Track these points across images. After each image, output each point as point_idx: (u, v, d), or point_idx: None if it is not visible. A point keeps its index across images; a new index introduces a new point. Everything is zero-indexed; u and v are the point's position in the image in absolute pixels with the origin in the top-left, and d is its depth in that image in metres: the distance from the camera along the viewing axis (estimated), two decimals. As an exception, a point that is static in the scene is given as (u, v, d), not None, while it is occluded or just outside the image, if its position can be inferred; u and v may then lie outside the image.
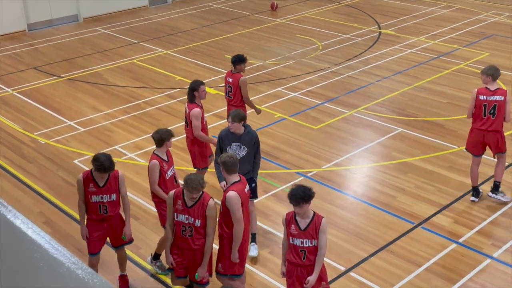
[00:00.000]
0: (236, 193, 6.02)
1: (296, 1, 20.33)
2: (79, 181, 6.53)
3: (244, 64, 9.24)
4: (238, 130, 7.19)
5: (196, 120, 8.16)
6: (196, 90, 8.17)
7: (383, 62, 14.33)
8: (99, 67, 14.76)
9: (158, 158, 6.88)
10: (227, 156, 6.16)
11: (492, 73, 8.20)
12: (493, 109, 8.14)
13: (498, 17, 17.73)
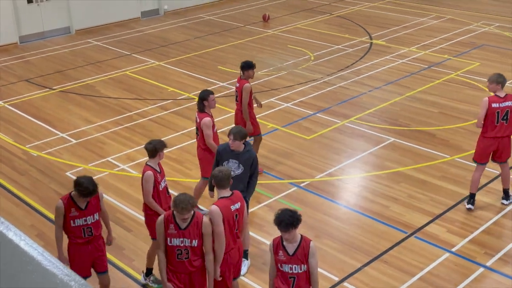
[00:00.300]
0: (218, 208, 5.92)
1: (288, 13, 20.44)
2: (60, 208, 6.21)
3: (251, 70, 9.33)
4: (238, 148, 7.06)
5: (207, 129, 8.21)
6: (206, 99, 8.23)
7: (375, 73, 14.40)
8: (91, 79, 14.75)
9: (152, 169, 6.84)
10: (218, 170, 6.07)
11: (501, 81, 8.31)
12: (506, 115, 8.24)
13: (488, 27, 17.88)
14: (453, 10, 19.82)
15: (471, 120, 11.61)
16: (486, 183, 9.40)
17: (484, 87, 13.24)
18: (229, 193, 6.09)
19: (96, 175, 10.11)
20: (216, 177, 6.02)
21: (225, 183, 6.04)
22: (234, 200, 6.09)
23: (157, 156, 6.89)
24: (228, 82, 14.09)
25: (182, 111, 12.62)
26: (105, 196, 9.41)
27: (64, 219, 6.23)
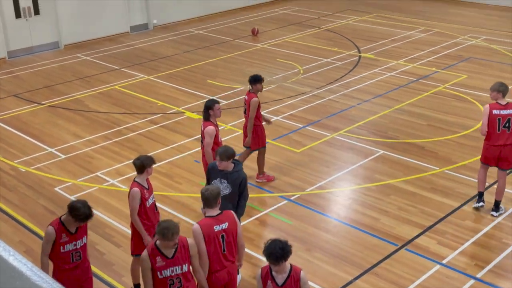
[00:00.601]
0: (199, 227, 5.84)
1: (277, 26, 20.55)
2: (51, 235, 5.97)
3: (259, 84, 9.45)
4: (227, 168, 6.93)
5: (209, 137, 8.27)
6: (211, 108, 8.33)
7: (364, 86, 14.48)
8: (80, 93, 14.71)
9: (139, 186, 6.79)
10: (205, 189, 5.95)
11: (503, 90, 8.41)
12: (508, 122, 8.31)
13: (475, 40, 18.06)
14: (441, 24, 20.01)
15: (460, 132, 11.69)
16: (475, 195, 9.44)
17: (471, 99, 13.35)
18: (216, 212, 5.93)
19: (85, 190, 10.05)
20: (202, 195, 5.92)
21: (212, 202, 5.88)
22: (221, 219, 5.90)
23: (145, 172, 6.83)
24: (217, 96, 14.08)
25: (171, 125, 12.60)
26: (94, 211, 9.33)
27: (53, 245, 6.01)
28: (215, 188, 5.98)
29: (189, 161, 10.93)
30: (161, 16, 21.16)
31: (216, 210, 5.95)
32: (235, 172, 6.92)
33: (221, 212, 5.97)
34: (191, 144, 11.63)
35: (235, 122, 12.54)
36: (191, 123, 12.65)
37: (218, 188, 6.05)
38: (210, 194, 5.87)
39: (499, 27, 19.40)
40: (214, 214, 5.93)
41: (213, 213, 5.93)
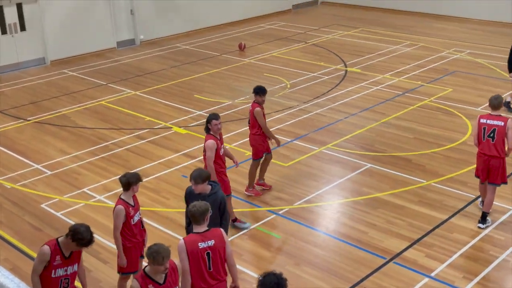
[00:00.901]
0: (183, 242, 5.76)
1: (264, 41, 20.64)
2: (46, 255, 5.81)
3: (258, 96, 9.60)
4: (203, 191, 6.77)
5: (209, 151, 8.34)
6: (209, 122, 8.42)
7: (350, 99, 14.55)
8: (66, 109, 14.64)
9: (124, 203, 6.73)
10: (192, 205, 5.87)
11: (490, 101, 8.68)
12: (492, 132, 8.52)
13: (460, 54, 18.26)
14: (425, 38, 20.20)
15: (446, 145, 11.77)
16: (462, 207, 9.49)
17: (457, 113, 13.46)
18: (202, 229, 5.84)
19: (71, 206, 9.97)
20: (190, 212, 5.84)
21: (199, 218, 5.80)
22: (207, 237, 5.81)
23: (131, 189, 6.78)
24: (205, 111, 14.09)
25: (158, 140, 12.56)
26: (81, 228, 9.26)
27: (45, 267, 5.84)
28: (203, 205, 5.88)
29: (176, 176, 10.89)
30: (148, 31, 21.17)
31: (203, 227, 5.86)
32: (213, 194, 6.77)
33: (208, 229, 5.87)
34: (179, 159, 11.60)
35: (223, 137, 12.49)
36: (178, 138, 12.62)
37: (207, 205, 5.93)
38: (197, 211, 5.79)
39: (483, 41, 19.63)
40: (200, 230, 5.84)
41: (200, 230, 5.84)
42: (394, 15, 24.16)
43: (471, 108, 13.67)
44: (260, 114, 9.59)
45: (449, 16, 23.30)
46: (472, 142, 11.69)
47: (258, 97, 9.62)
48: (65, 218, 9.60)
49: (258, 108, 9.58)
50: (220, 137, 8.64)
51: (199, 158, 11.58)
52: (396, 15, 24.11)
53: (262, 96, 9.62)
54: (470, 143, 11.71)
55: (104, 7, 19.87)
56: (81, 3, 19.28)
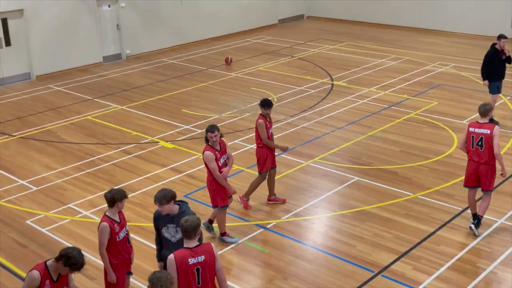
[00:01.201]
0: (173, 257, 5.70)
1: (250, 56, 20.71)
2: (36, 280, 5.67)
3: (263, 108, 9.64)
4: (170, 211, 6.53)
5: (210, 162, 8.44)
6: (207, 133, 8.52)
7: (337, 113, 14.61)
8: (52, 124, 14.55)
9: (108, 220, 6.66)
10: (184, 220, 5.78)
11: (482, 110, 8.84)
12: (480, 141, 8.70)
13: (444, 67, 18.43)
14: (411, 52, 20.38)
15: (432, 158, 11.83)
16: (449, 219, 9.53)
17: (443, 125, 13.55)
18: (193, 244, 5.77)
19: (57, 222, 9.88)
20: (182, 226, 5.76)
21: (191, 233, 5.72)
22: (198, 252, 5.74)
23: (115, 206, 6.70)
24: (191, 125, 14.07)
25: (145, 155, 12.51)
26: (67, 244, 9.16)
27: None
28: (195, 219, 5.81)
29: (163, 191, 10.82)
30: (134, 46, 21.17)
31: (194, 242, 5.79)
32: (181, 213, 6.55)
33: (199, 244, 5.81)
34: (166, 174, 11.55)
35: (210, 151, 12.49)
36: (165, 153, 12.58)
37: (198, 219, 5.86)
38: (189, 225, 5.72)
39: (468, 55, 19.84)
40: (191, 246, 5.77)
41: (191, 245, 5.77)
42: (379, 29, 24.38)
43: (457, 121, 13.78)
44: (262, 125, 9.64)
45: (434, 30, 23.56)
46: (458, 154, 11.81)
47: (263, 109, 9.68)
48: (51, 234, 9.50)
49: (261, 120, 9.65)
50: (221, 148, 8.64)
51: (186, 173, 11.55)
52: (381, 29, 24.33)
53: (266, 109, 9.66)
54: (456, 156, 11.80)
55: (90, 21, 19.86)
56: (67, 18, 19.26)
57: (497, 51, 13.13)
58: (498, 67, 13.17)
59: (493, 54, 13.17)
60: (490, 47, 13.32)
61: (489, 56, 13.23)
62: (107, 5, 20.36)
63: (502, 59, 13.16)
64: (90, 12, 19.79)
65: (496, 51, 13.14)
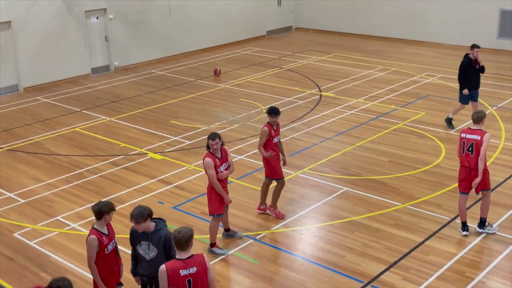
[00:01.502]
0: (165, 268, 5.72)
1: (239, 67, 20.76)
2: None
3: (271, 116, 9.70)
4: (147, 229, 6.51)
5: (208, 169, 8.56)
6: (208, 141, 8.64)
7: (325, 124, 14.66)
8: (39, 136, 14.47)
9: (96, 233, 6.60)
10: (177, 231, 5.78)
11: (475, 117, 9.04)
12: (471, 147, 8.89)
13: (431, 78, 18.59)
14: (398, 63, 20.55)
15: (420, 168, 11.89)
16: (438, 229, 9.57)
17: (430, 136, 13.64)
18: (186, 255, 5.77)
19: (45, 235, 9.80)
20: (175, 238, 5.76)
21: (184, 245, 5.73)
22: (190, 264, 5.74)
23: (103, 218, 6.63)
24: (180, 136, 14.06)
25: (134, 166, 12.47)
26: (55, 257, 9.10)
27: None
28: (188, 231, 5.81)
29: (152, 202, 10.79)
30: (123, 57, 21.16)
31: (187, 253, 5.79)
32: (157, 231, 6.52)
33: (191, 255, 5.81)
34: (154, 185, 11.51)
35: (199, 162, 12.49)
36: (154, 164, 12.54)
37: (191, 231, 5.84)
38: (183, 237, 5.72)
39: (454, 66, 19.92)
40: (183, 257, 5.77)
41: (183, 256, 5.77)
42: (367, 40, 24.55)
43: (444, 131, 13.88)
44: (263, 133, 9.68)
45: (420, 41, 23.78)
46: (446, 164, 11.91)
47: (269, 117, 9.74)
48: (39, 247, 9.42)
49: (266, 127, 9.70)
50: (222, 156, 8.70)
51: (175, 184, 11.52)
52: (369, 41, 24.50)
53: (273, 117, 9.71)
54: (444, 166, 11.88)
55: (78, 33, 19.83)
56: (55, 30, 19.22)
57: (471, 61, 13.39)
58: (473, 76, 13.45)
59: (467, 64, 13.41)
60: (464, 57, 13.57)
61: (464, 66, 13.46)
62: (95, 17, 20.35)
63: (476, 69, 13.44)
64: (78, 24, 19.77)
65: (470, 60, 13.40)
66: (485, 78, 18.38)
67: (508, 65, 20.00)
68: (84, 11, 19.84)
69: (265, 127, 9.72)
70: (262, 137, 9.72)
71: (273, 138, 9.78)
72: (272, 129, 9.76)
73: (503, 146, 12.72)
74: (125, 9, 20.95)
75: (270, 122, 9.78)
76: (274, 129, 9.80)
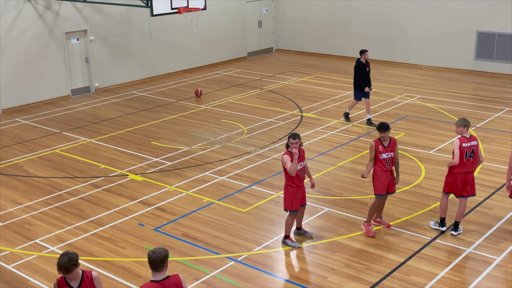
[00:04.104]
0: None
1: (220, 88, 20.82)
2: None
3: (378, 131, 9.78)
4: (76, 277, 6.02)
5: (284, 163, 9.20)
6: (288, 140, 9.20)
7: (307, 144, 14.71)
8: (18, 158, 14.31)
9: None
10: (152, 251, 5.72)
11: (467, 124, 9.66)
12: (472, 153, 9.58)
13: (411, 99, 18.80)
14: (377, 84, 20.74)
15: (400, 188, 11.94)
16: (419, 249, 9.60)
17: (410, 156, 13.76)
18: (161, 277, 5.71)
19: (23, 258, 9.63)
20: (149, 259, 5.69)
21: (158, 265, 5.66)
22: (165, 285, 5.68)
23: (70, 274, 5.96)
24: (162, 157, 14.00)
25: (114, 188, 12.36)
26: (34, 281, 8.94)
27: None
28: (163, 251, 5.75)
29: (133, 224, 10.70)
30: (103, 79, 21.11)
31: (162, 274, 5.73)
32: None
33: (167, 277, 5.75)
34: (135, 207, 11.41)
35: (180, 183, 12.44)
36: (134, 186, 12.45)
37: (166, 251, 5.79)
38: (157, 257, 5.66)
39: (433, 86, 20.32)
40: (159, 278, 5.71)
41: (158, 278, 5.71)
42: (347, 61, 24.79)
43: (424, 151, 14.01)
44: (370, 147, 9.86)
45: (400, 63, 24.10)
46: (426, 184, 11.99)
47: (378, 133, 9.77)
48: (17, 271, 9.26)
49: (372, 142, 9.81)
50: (300, 155, 9.19)
51: (156, 206, 11.43)
52: (349, 62, 24.71)
53: (380, 132, 9.70)
54: (424, 186, 11.97)
55: (59, 54, 19.76)
56: (35, 51, 19.13)
57: (362, 64, 15.67)
58: (366, 77, 15.70)
59: (360, 67, 15.69)
60: (356, 61, 15.78)
61: (358, 69, 15.70)
62: (75, 38, 20.31)
63: (367, 70, 15.69)
64: (58, 45, 19.70)
65: (362, 63, 15.67)
66: (463, 99, 18.72)
67: (485, 86, 20.34)
68: (65, 32, 19.80)
69: (373, 141, 9.81)
70: (370, 151, 9.85)
71: (380, 154, 9.75)
72: (380, 144, 9.76)
73: (482, 166, 12.86)
74: (106, 30, 20.95)
75: (380, 138, 9.79)
76: (384, 145, 9.77)
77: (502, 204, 11.12)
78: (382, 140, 9.79)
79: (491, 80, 21.19)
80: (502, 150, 13.87)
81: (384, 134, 9.72)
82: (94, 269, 9.17)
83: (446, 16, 22.68)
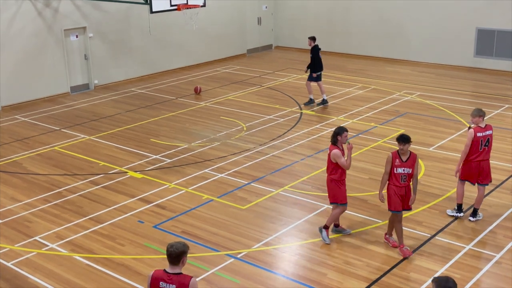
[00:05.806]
0: (151, 275, 5.75)
1: (219, 85, 20.80)
2: None
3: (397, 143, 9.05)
4: None
5: (338, 158, 9.33)
6: (340, 134, 9.35)
7: (306, 141, 14.71)
8: (17, 155, 14.30)
9: None
10: (170, 245, 5.75)
11: (482, 114, 10.04)
12: (487, 142, 10.03)
13: (410, 96, 18.79)
14: (377, 81, 20.76)
15: (400, 185, 11.92)
16: (418, 246, 9.61)
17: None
18: (173, 271, 5.71)
19: (23, 255, 9.63)
20: (167, 251, 5.72)
21: (174, 259, 5.68)
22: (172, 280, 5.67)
23: None
24: (161, 155, 13.99)
25: (113, 185, 12.36)
26: (34, 278, 8.94)
27: None
28: (181, 246, 5.74)
29: (132, 221, 10.70)
30: (103, 76, 21.08)
31: (176, 269, 5.72)
32: None
33: (179, 273, 5.73)
34: (134, 204, 11.41)
35: (179, 181, 12.43)
36: (134, 183, 12.45)
37: (185, 247, 5.77)
38: (173, 252, 5.69)
39: (432, 84, 20.31)
40: (171, 271, 5.73)
41: (171, 270, 5.74)
42: (346, 59, 24.81)
43: (423, 148, 14.01)
44: (386, 159, 9.26)
45: (399, 60, 24.08)
46: (426, 181, 11.99)
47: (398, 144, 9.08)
48: (17, 268, 9.26)
49: (390, 153, 9.17)
50: (341, 149, 9.42)
51: (155, 203, 11.43)
52: (348, 59, 24.76)
53: (400, 144, 8.96)
54: (424, 183, 11.96)
55: (58, 52, 19.73)
56: (34, 48, 19.10)
57: (318, 49, 17.63)
58: (320, 62, 17.58)
59: (317, 51, 17.58)
60: (315, 47, 17.67)
61: (316, 53, 17.57)
62: (74, 35, 20.28)
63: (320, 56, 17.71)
64: (57, 42, 19.67)
65: (318, 49, 17.63)
66: (463, 96, 18.71)
67: (484, 83, 20.33)
68: (64, 30, 19.77)
69: (390, 153, 9.15)
70: (386, 164, 9.14)
71: (396, 168, 9.00)
72: (398, 158, 9.00)
73: (481, 162, 12.85)
74: (105, 27, 20.92)
75: (398, 151, 9.04)
76: (402, 159, 9.00)
77: (502, 201, 11.13)
78: (401, 154, 9.01)
79: (490, 77, 21.19)
80: (501, 147, 13.87)
81: (404, 147, 8.92)
82: (94, 266, 9.18)
83: (445, 13, 22.67)
